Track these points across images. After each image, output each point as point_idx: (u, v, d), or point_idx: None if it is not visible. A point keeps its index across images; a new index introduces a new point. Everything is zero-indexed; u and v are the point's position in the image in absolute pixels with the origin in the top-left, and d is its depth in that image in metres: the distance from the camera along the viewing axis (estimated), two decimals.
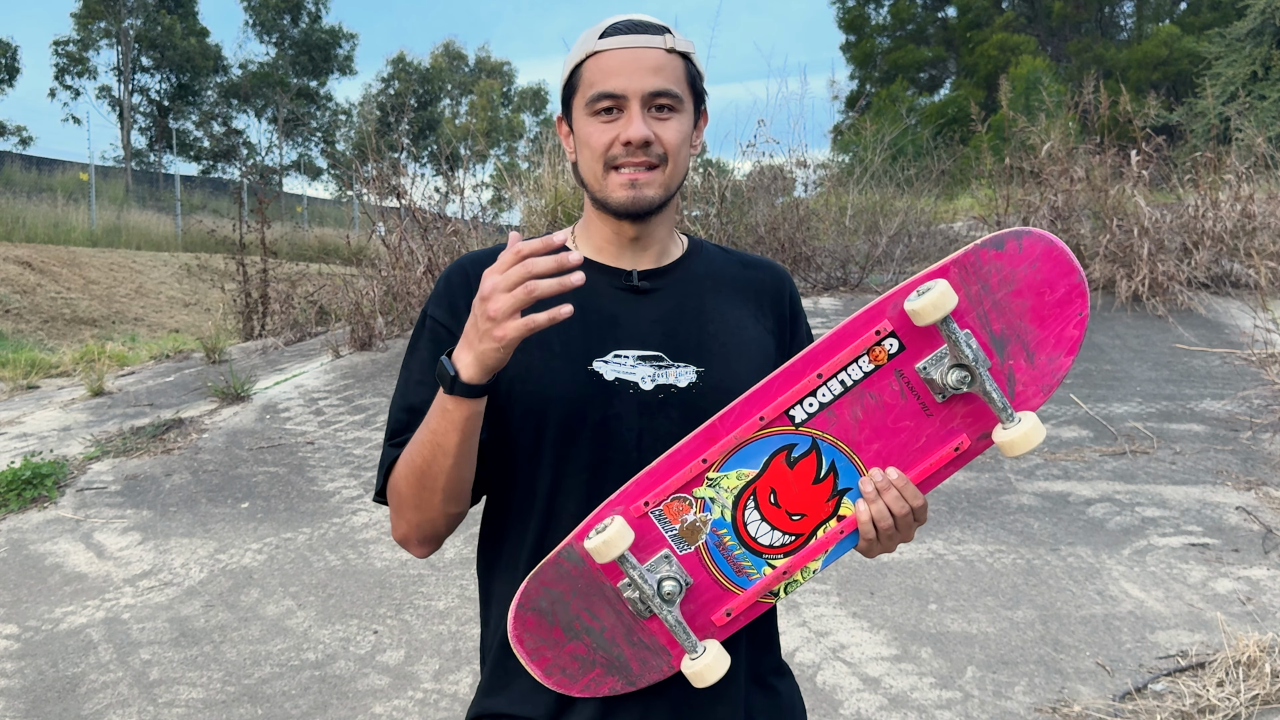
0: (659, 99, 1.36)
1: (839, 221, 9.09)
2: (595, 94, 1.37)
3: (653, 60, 1.36)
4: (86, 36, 35.93)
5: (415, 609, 4.10)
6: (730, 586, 1.27)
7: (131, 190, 25.70)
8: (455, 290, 1.44)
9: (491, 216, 10.30)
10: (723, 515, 1.24)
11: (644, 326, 1.41)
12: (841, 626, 3.83)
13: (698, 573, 1.26)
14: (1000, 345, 1.23)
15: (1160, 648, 3.64)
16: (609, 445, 1.37)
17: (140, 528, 5.04)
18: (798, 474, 1.25)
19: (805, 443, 1.24)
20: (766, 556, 1.26)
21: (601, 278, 1.44)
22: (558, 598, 1.26)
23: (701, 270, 1.49)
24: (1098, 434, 5.73)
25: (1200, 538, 4.52)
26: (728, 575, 1.26)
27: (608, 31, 1.39)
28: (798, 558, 1.26)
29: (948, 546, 4.49)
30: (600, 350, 1.39)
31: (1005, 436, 1.20)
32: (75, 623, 4.08)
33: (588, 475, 1.37)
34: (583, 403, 1.37)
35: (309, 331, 9.11)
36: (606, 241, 1.46)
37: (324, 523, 4.99)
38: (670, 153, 1.38)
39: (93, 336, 13.32)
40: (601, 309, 1.42)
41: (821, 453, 1.24)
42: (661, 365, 1.39)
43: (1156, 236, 7.85)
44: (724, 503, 1.24)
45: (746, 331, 1.45)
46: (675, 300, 1.44)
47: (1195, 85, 17.01)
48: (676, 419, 1.36)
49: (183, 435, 6.28)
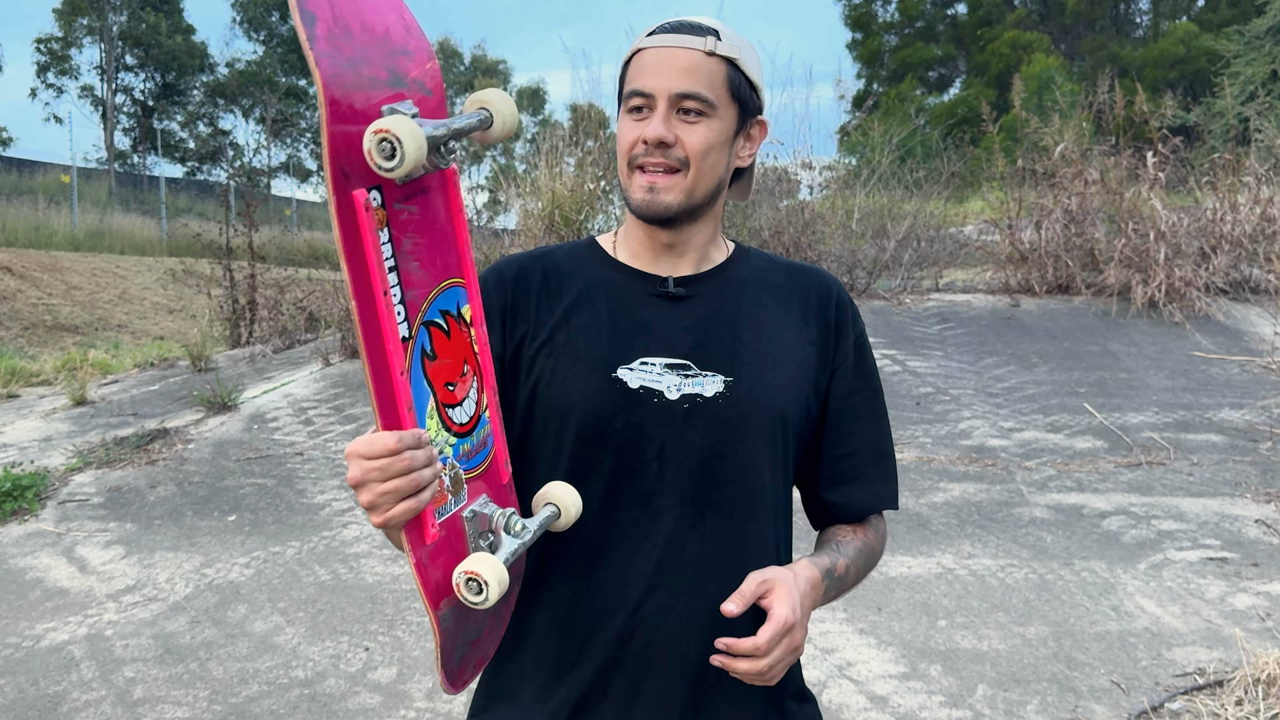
0: (686, 101, 1.36)
1: (845, 225, 9.11)
2: (629, 91, 1.39)
3: (686, 61, 1.36)
4: (69, 34, 36.04)
5: (408, 625, 4.11)
6: (483, 469, 1.30)
7: (115, 193, 25.73)
8: (490, 293, 1.45)
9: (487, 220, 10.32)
10: (443, 449, 1.24)
11: (674, 334, 1.41)
12: (848, 643, 3.83)
13: (474, 488, 1.28)
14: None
15: (1177, 665, 3.65)
16: (629, 454, 1.38)
17: (124, 541, 5.05)
18: (441, 352, 1.24)
19: (423, 331, 1.21)
20: (473, 430, 1.29)
21: (636, 283, 1.45)
22: (461, 636, 1.30)
23: (743, 277, 1.49)
24: (1112, 444, 5.75)
25: (1218, 551, 4.53)
26: (475, 465, 1.29)
27: (656, 30, 1.40)
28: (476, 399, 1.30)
29: (957, 561, 4.51)
30: (626, 357, 1.40)
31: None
32: (57, 639, 4.09)
33: (605, 484, 1.38)
34: (604, 410, 1.38)
35: (298, 339, 9.13)
36: (642, 246, 1.47)
37: (314, 536, 5.00)
38: (693, 158, 1.37)
39: (75, 344, 13.34)
40: (633, 315, 1.43)
41: (435, 318, 1.23)
42: (689, 374, 1.39)
43: (1173, 241, 7.88)
44: (437, 440, 1.23)
45: (785, 341, 1.44)
46: (711, 307, 1.44)
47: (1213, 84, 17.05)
48: (701, 429, 1.37)
49: (168, 446, 6.30)
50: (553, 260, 1.51)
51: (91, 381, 8.49)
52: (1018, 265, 8.57)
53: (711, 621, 1.35)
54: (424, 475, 1.14)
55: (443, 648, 1.26)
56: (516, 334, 1.44)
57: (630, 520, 1.38)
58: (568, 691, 1.39)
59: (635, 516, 1.38)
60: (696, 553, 1.38)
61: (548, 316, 1.44)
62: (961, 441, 5.82)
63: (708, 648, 1.34)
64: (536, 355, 1.42)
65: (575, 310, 1.44)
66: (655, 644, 1.37)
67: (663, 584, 1.37)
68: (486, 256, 8.22)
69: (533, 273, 1.48)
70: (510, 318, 1.45)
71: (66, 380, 8.68)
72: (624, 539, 1.39)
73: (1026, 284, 8.44)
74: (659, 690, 1.37)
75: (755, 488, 1.40)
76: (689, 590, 1.37)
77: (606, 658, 1.38)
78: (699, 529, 1.38)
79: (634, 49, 1.40)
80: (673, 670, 1.37)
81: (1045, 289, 8.34)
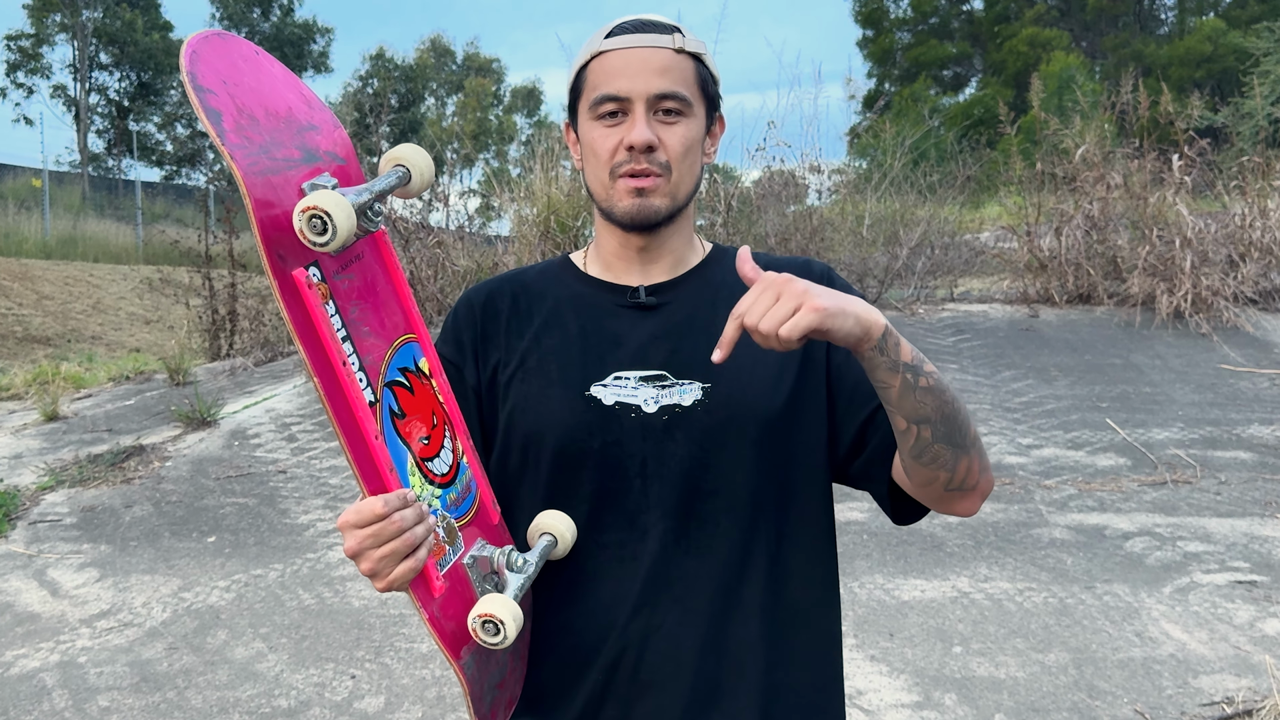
0: (665, 102, 1.38)
1: (856, 232, 9.14)
2: (599, 96, 1.39)
3: (659, 61, 1.38)
4: (41, 30, 36.15)
5: (396, 652, 4.12)
6: (472, 514, 1.37)
7: (88, 198, 25.84)
8: (461, 325, 1.51)
9: (479, 226, 10.33)
10: (430, 503, 1.30)
11: (647, 345, 1.43)
12: (859, 670, 3.85)
13: (469, 534, 1.35)
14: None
15: (1204, 693, 3.66)
16: (610, 474, 1.39)
17: (98, 564, 5.06)
18: (409, 409, 1.30)
19: (388, 393, 1.28)
20: (455, 478, 1.36)
21: (605, 296, 1.47)
22: (487, 681, 1.36)
23: (719, 278, 1.50)
24: (1136, 462, 5.76)
25: (1247, 574, 4.54)
26: (464, 512, 1.35)
27: (614, 31, 1.41)
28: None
29: (973, 584, 4.52)
30: (599, 374, 1.41)
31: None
32: (27, 667, 4.11)
33: (588, 508, 1.40)
34: (580, 431, 1.40)
35: (281, 351, 9.15)
36: (615, 256, 1.49)
37: (297, 558, 5.01)
38: (675, 159, 1.39)
39: (46, 356, 13.35)
40: (604, 329, 1.45)
41: (396, 377, 1.30)
42: (665, 385, 1.40)
43: (1200, 248, 7.90)
44: (424, 496, 1.29)
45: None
46: (685, 313, 1.46)
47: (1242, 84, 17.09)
48: (683, 440, 1.38)
49: (144, 463, 6.31)
50: (523, 282, 1.54)
51: (64, 396, 8.51)
52: (1036, 274, 8.60)
53: (700, 637, 1.37)
54: (417, 533, 1.19)
55: (472, 695, 1.32)
56: (490, 363, 1.48)
57: (618, 541, 1.40)
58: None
59: (622, 537, 1.40)
60: (682, 568, 1.39)
61: (519, 341, 1.47)
62: None
63: (698, 665, 1.36)
64: (510, 382, 1.45)
65: (546, 331, 1.47)
66: (644, 665, 1.38)
67: (649, 602, 1.39)
68: (479, 265, 8.25)
69: (501, 298, 1.52)
70: (482, 347, 1.49)
71: (38, 394, 8.70)
72: (611, 561, 1.40)
73: (1046, 293, 8.46)
74: (650, 712, 1.39)
75: (742, 495, 1.40)
76: (676, 607, 1.38)
77: (596, 683, 1.40)
78: (683, 543, 1.39)
79: (592, 52, 1.42)
80: (663, 691, 1.38)
81: (1065, 299, 8.36)
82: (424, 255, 8.38)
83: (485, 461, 1.45)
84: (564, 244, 7.77)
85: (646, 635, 1.38)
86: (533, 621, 1.44)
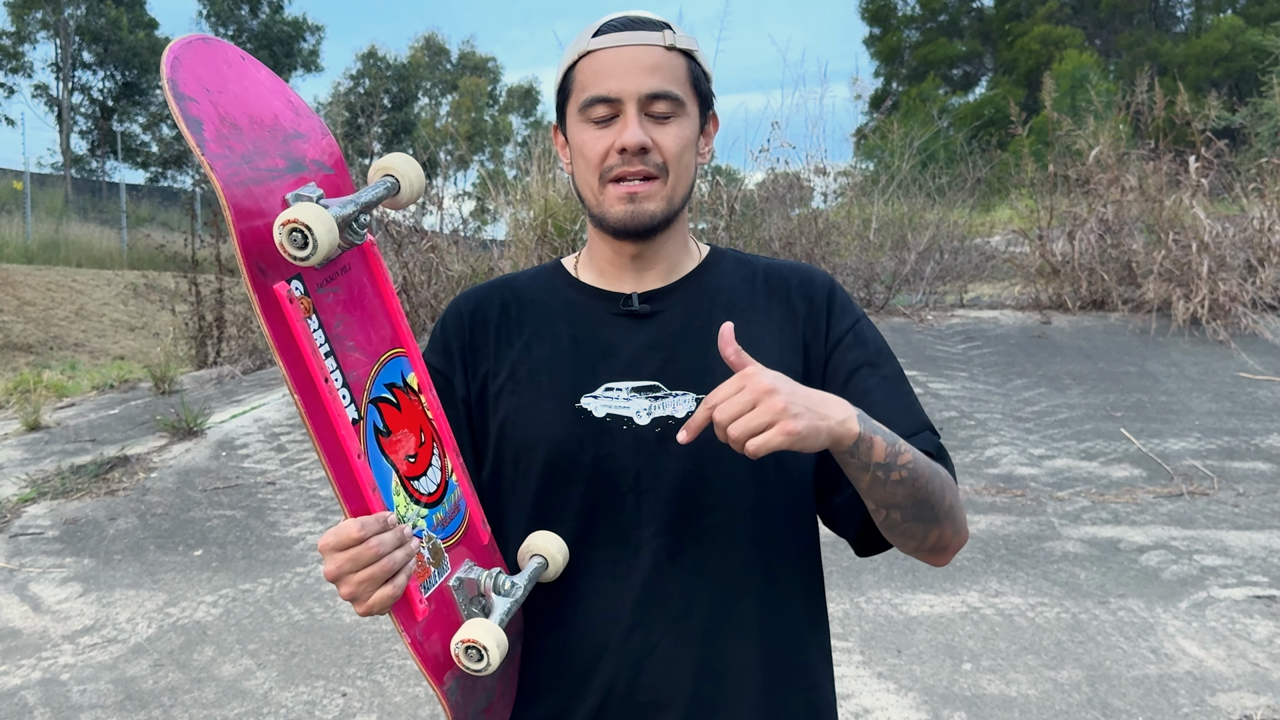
0: (657, 101, 1.37)
1: (862, 235, 9.15)
2: (588, 98, 1.38)
3: (650, 59, 1.37)
4: (22, 28, 36.22)
5: (388, 669, 4.13)
6: (460, 534, 1.36)
7: (71, 201, 25.85)
8: (450, 334, 1.50)
9: (474, 230, 10.35)
10: (416, 523, 1.29)
11: (640, 354, 1.42)
12: (865, 688, 3.85)
13: (456, 554, 1.34)
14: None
15: (1221, 712, 3.67)
16: (602, 488, 1.39)
17: (81, 578, 5.07)
18: (395, 427, 1.29)
19: (373, 410, 1.27)
20: (443, 497, 1.35)
21: (598, 304, 1.46)
22: (473, 707, 1.36)
23: (715, 284, 1.49)
24: (1151, 473, 5.77)
25: (1266, 589, 4.55)
26: (452, 532, 1.35)
27: (602, 29, 1.40)
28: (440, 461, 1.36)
29: (984, 599, 4.53)
30: (590, 385, 1.41)
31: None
32: (8, 684, 4.11)
33: (579, 522, 1.39)
34: (570, 444, 1.39)
35: (269, 359, 9.15)
36: (608, 263, 1.48)
37: (286, 572, 5.02)
38: (670, 161, 1.38)
39: (28, 364, 13.37)
40: (596, 339, 1.44)
41: (382, 393, 1.29)
42: (658, 396, 1.40)
43: (1217, 252, 7.92)
44: (409, 516, 1.29)
45: (764, 349, 1.40)
46: (680, 321, 1.44)
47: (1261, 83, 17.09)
48: (677, 454, 1.36)
49: (128, 475, 6.32)
50: (513, 288, 1.53)
51: (46, 405, 8.52)
52: (1049, 279, 8.61)
53: (697, 657, 1.37)
54: (396, 558, 1.18)
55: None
56: (479, 373, 1.47)
57: (610, 558, 1.39)
58: None
59: (615, 554, 1.39)
60: (677, 585, 1.38)
61: (508, 351, 1.47)
62: (988, 470, 5.85)
63: (695, 685, 1.36)
64: (500, 393, 1.44)
65: (536, 340, 1.46)
66: (640, 687, 1.38)
67: (643, 622, 1.38)
68: (474, 269, 8.26)
69: (490, 305, 1.51)
70: (471, 358, 1.48)
71: (19, 403, 8.71)
72: (603, 579, 1.40)
73: (1058, 299, 8.48)
74: None
75: (739, 510, 1.39)
76: (672, 626, 1.38)
77: (591, 706, 1.39)
78: (678, 560, 1.38)
79: (579, 52, 1.40)
80: (660, 714, 1.38)
81: (1079, 305, 8.38)
82: (417, 260, 8.40)
83: (476, 476, 1.45)
84: (561, 248, 7.78)
85: (642, 656, 1.38)
86: (523, 641, 1.44)
